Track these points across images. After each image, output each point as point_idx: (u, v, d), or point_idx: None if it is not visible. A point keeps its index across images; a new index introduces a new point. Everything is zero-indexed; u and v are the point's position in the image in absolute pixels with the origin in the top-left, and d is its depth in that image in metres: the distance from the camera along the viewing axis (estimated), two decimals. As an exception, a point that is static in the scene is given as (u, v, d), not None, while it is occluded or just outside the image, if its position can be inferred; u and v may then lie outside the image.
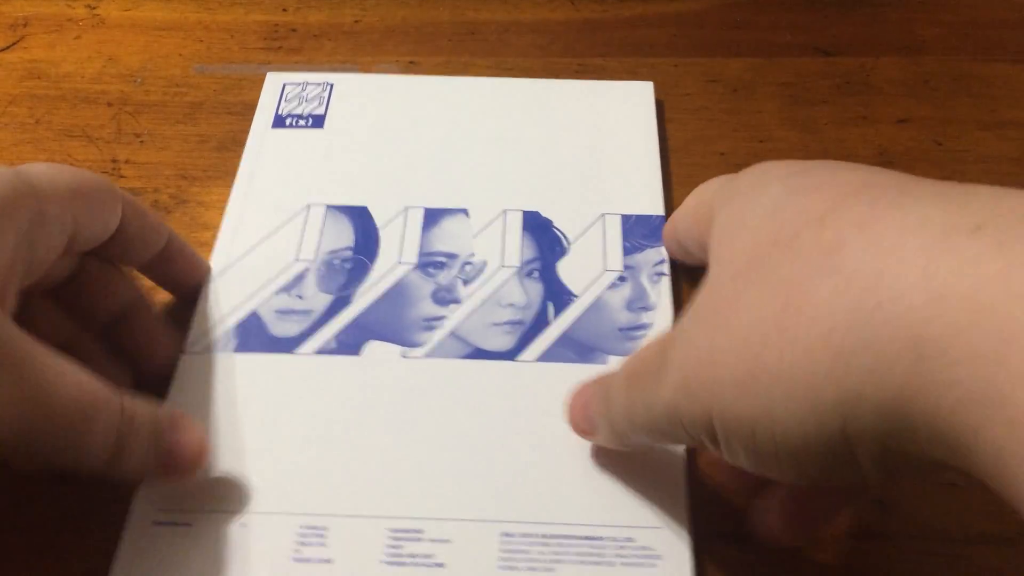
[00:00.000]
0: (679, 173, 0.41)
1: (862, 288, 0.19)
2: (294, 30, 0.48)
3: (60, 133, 0.43)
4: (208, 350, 0.34)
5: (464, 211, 0.38)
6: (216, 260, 0.37)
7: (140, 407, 0.27)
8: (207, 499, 0.30)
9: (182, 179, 0.42)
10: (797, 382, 0.21)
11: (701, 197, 0.31)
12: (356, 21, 0.48)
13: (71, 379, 0.25)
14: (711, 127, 0.44)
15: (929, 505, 0.34)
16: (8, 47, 0.46)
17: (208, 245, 0.38)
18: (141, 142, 0.43)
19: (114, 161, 0.42)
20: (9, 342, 0.24)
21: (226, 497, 0.30)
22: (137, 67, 0.46)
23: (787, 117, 0.44)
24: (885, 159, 0.42)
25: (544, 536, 0.29)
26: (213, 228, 0.40)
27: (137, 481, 0.30)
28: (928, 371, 0.18)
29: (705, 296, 0.25)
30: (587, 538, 0.29)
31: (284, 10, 0.49)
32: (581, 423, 0.30)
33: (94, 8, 0.48)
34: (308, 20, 0.48)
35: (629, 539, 0.29)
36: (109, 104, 0.44)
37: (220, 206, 0.41)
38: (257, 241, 0.38)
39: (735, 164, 0.40)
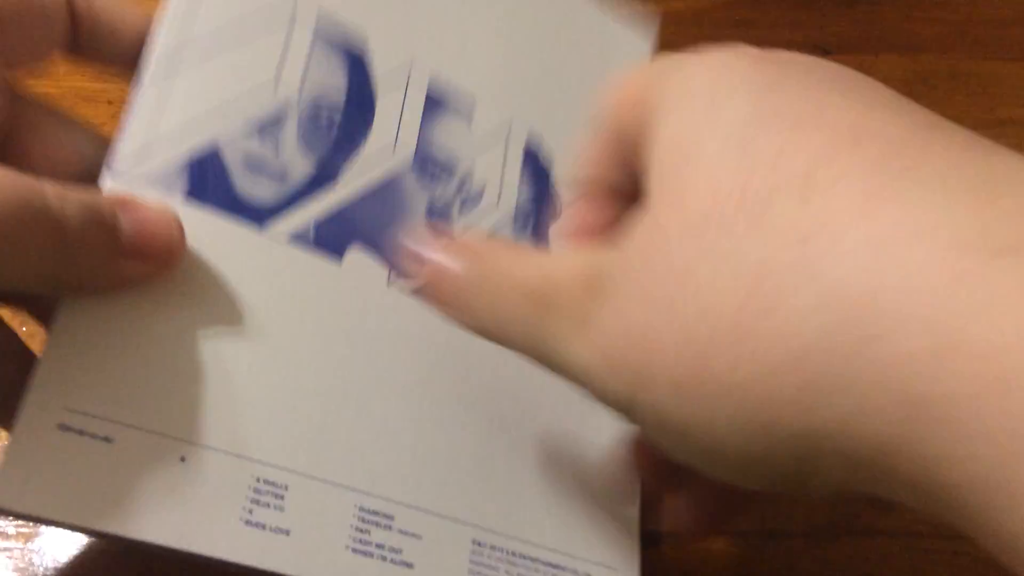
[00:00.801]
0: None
1: (851, 310, 0.15)
2: (293, 28, 0.48)
3: (59, 132, 0.43)
4: (143, 182, 0.24)
5: (472, 100, 0.32)
6: (165, 35, 0.26)
7: (73, 193, 0.22)
8: (135, 410, 0.22)
9: (181, 178, 0.42)
10: (749, 402, 0.17)
11: (634, 81, 0.22)
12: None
13: None
14: (710, 125, 0.44)
15: (928, 502, 0.34)
16: (7, 46, 0.46)
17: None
18: (140, 141, 0.43)
19: (113, 160, 0.42)
20: None
21: (161, 414, 0.23)
22: (136, 66, 0.46)
23: (786, 115, 0.44)
24: (884, 157, 0.42)
25: (512, 553, 0.27)
26: (213, 227, 0.40)
27: (105, 284, 0.24)
28: (928, 435, 0.15)
29: (646, 242, 0.19)
30: (551, 565, 0.27)
31: (283, 8, 0.49)
32: (410, 268, 0.24)
33: (93, 7, 0.48)
34: (307, 18, 0.48)
35: (587, 574, 0.28)
36: (109, 102, 0.44)
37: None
38: (224, 28, 0.27)
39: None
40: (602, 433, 0.29)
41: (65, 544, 0.34)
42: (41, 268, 0.21)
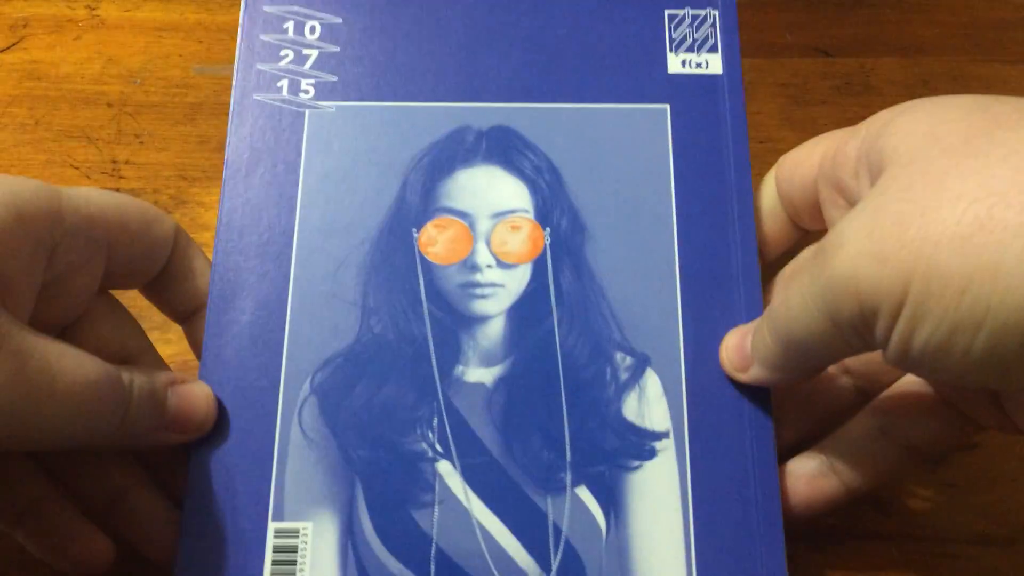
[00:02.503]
0: (679, 174, 0.41)
1: None
2: (294, 31, 0.48)
3: (60, 134, 0.43)
4: None
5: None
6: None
7: (138, 376, 0.28)
8: None
9: (182, 180, 0.42)
10: None
11: (831, 135, 0.31)
12: (356, 22, 0.48)
13: (73, 360, 0.26)
14: (711, 128, 0.43)
15: (928, 506, 0.34)
16: (8, 48, 0.46)
17: (208, 246, 0.38)
18: (141, 143, 0.43)
19: (114, 162, 0.42)
20: (8, 333, 0.24)
21: None
22: (137, 68, 0.46)
23: (787, 118, 0.44)
24: (885, 160, 0.42)
25: None
26: (213, 229, 0.40)
27: (145, 446, 0.30)
28: None
29: (893, 178, 0.24)
30: None
31: (284, 11, 0.49)
32: (735, 359, 0.30)
33: (94, 9, 0.48)
34: (308, 21, 0.48)
35: None
36: (109, 105, 0.44)
37: (220, 207, 0.41)
38: None
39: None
40: None
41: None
42: (100, 432, 0.27)
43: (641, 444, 0.30)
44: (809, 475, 0.30)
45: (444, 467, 0.30)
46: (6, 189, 0.26)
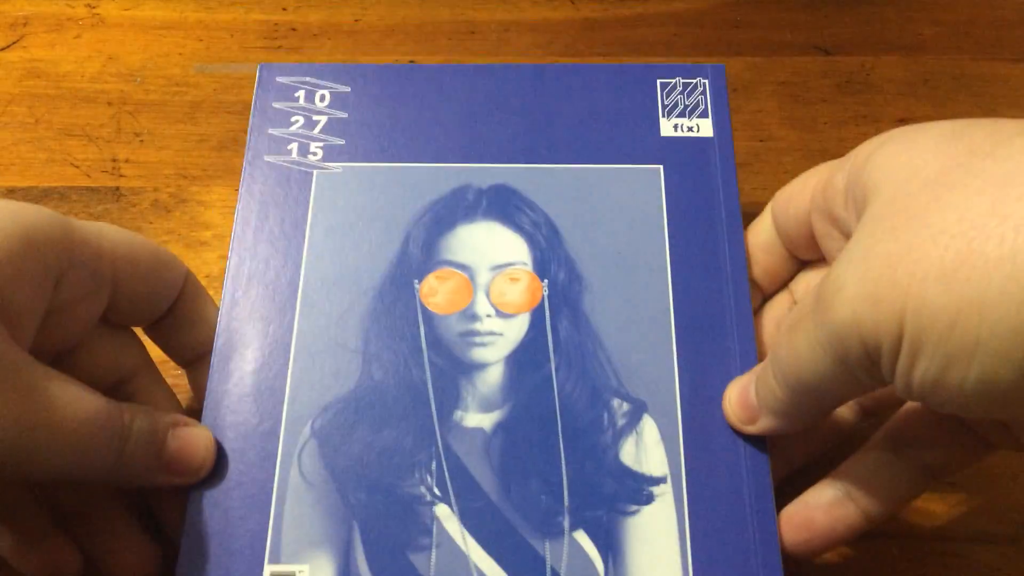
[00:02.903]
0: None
1: None
2: (294, 29, 0.48)
3: (60, 132, 0.43)
4: None
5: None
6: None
7: (139, 416, 0.28)
8: None
9: (182, 178, 0.42)
10: (1019, 268, 0.20)
11: (821, 169, 0.31)
12: (356, 20, 0.48)
13: (73, 395, 0.26)
14: (711, 126, 0.43)
15: (928, 505, 0.34)
16: (8, 46, 0.46)
17: (208, 244, 0.38)
18: (141, 141, 0.43)
19: (114, 160, 0.42)
20: (13, 364, 0.25)
21: None
22: (137, 66, 0.46)
23: (787, 116, 0.44)
24: (885, 158, 0.42)
25: None
26: (213, 227, 0.40)
27: (141, 485, 0.30)
28: None
29: (878, 217, 0.24)
30: None
31: (284, 9, 0.49)
32: (740, 411, 0.30)
33: (94, 7, 0.48)
34: (308, 19, 0.48)
35: None
36: (109, 103, 0.44)
37: (220, 205, 0.41)
38: None
39: (736, 164, 0.40)
40: None
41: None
42: (94, 468, 0.27)
43: (639, 489, 0.30)
44: (826, 505, 0.30)
45: (442, 511, 0.30)
46: (18, 216, 0.26)
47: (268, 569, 0.29)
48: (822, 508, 0.30)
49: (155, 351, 0.33)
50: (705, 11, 0.49)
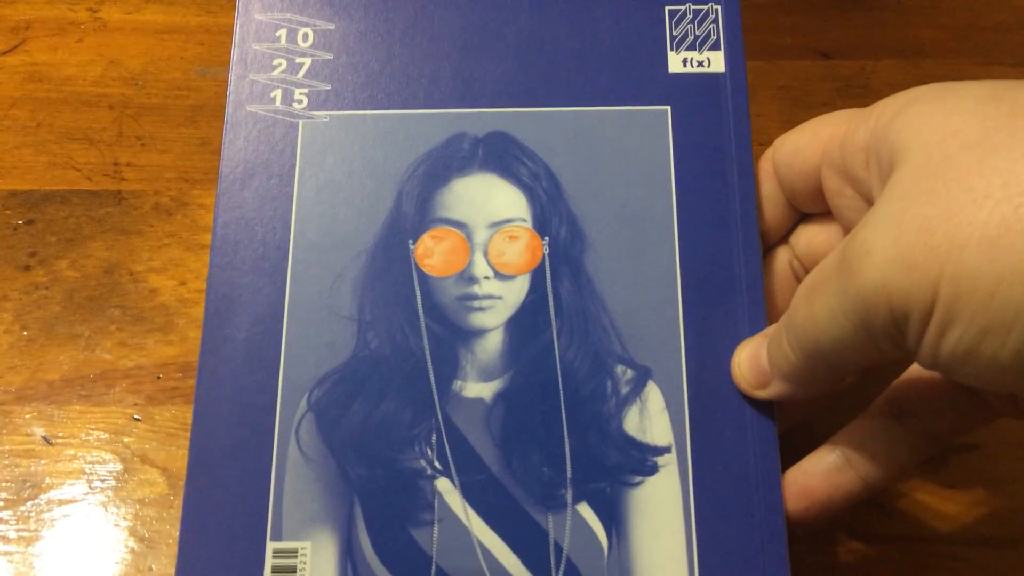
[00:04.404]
0: (679, 176, 0.41)
1: None
2: (295, 33, 0.48)
3: (62, 136, 0.43)
4: None
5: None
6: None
7: None
8: None
9: (183, 182, 0.42)
10: None
11: (834, 119, 0.30)
12: (357, 24, 0.48)
13: None
14: (711, 130, 0.44)
15: (929, 508, 0.34)
16: (10, 50, 0.46)
17: (209, 248, 0.38)
18: (143, 145, 0.43)
19: (115, 164, 0.42)
20: None
21: None
22: (139, 70, 0.46)
23: (787, 120, 0.44)
24: (885, 162, 0.42)
25: None
26: (214, 231, 0.40)
27: None
28: None
29: (911, 179, 0.23)
30: None
31: (285, 13, 0.49)
32: (750, 376, 0.29)
33: (96, 11, 0.48)
34: (309, 23, 0.48)
35: None
36: (111, 107, 0.44)
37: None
38: None
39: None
40: None
41: (66, 549, 0.34)
42: None
43: (643, 459, 0.30)
44: (825, 470, 0.29)
45: (443, 484, 0.30)
46: None
47: (271, 546, 0.29)
48: (820, 474, 0.29)
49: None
50: (705, 15, 0.49)
